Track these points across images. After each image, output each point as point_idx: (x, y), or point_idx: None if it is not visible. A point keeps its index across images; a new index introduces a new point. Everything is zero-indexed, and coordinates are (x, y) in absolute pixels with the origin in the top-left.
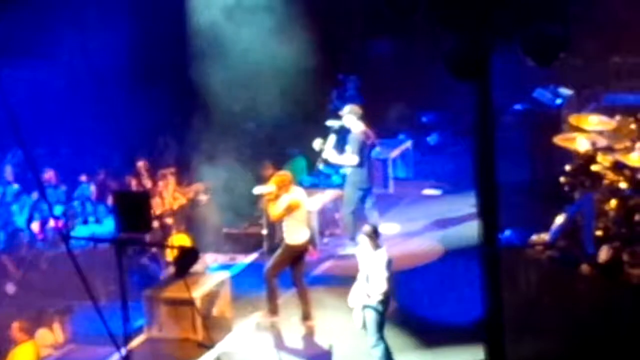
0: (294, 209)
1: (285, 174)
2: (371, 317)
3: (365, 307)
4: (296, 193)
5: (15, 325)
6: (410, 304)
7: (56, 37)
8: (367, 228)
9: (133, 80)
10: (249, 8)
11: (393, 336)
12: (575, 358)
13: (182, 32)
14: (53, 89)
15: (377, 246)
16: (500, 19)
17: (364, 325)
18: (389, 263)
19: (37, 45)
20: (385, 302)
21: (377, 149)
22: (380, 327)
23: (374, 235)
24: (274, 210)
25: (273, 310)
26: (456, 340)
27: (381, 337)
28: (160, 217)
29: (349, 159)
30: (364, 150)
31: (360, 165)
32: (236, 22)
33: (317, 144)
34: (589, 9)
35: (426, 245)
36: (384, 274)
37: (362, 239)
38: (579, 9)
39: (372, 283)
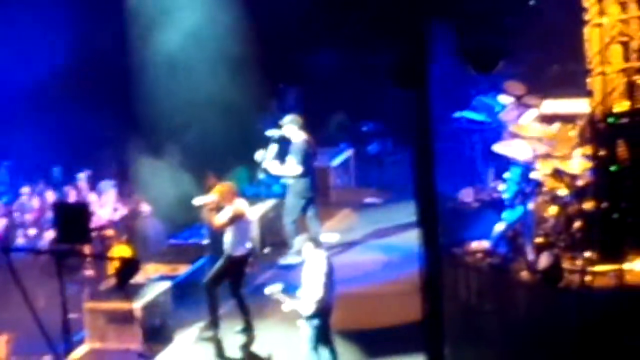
0: (235, 220)
1: (227, 184)
2: (305, 328)
3: (302, 317)
4: (238, 204)
5: None
6: (352, 313)
7: None
8: (307, 237)
9: (74, 91)
10: (189, 21)
11: (338, 346)
12: None
13: (123, 44)
14: None
15: (317, 255)
16: (440, 28)
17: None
18: (330, 271)
19: None
20: (322, 311)
21: (317, 158)
22: (315, 338)
23: (315, 243)
24: (218, 220)
25: (214, 321)
26: (397, 349)
27: (315, 348)
28: (100, 229)
29: (293, 169)
30: (308, 160)
31: (304, 174)
32: (177, 34)
33: (259, 155)
34: (528, 19)
35: (367, 254)
36: (321, 280)
37: (303, 248)
38: (518, 19)
39: (309, 292)
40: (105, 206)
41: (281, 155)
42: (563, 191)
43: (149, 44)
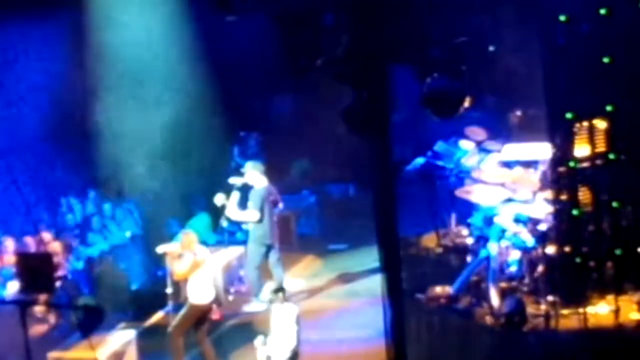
0: (198, 268)
1: (189, 232)
2: None
3: None
4: (200, 252)
5: None
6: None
7: None
8: (275, 286)
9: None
10: (150, 68)
11: None
12: None
13: (83, 86)
14: None
15: (285, 304)
16: (401, 74)
17: None
18: (297, 319)
19: None
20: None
21: (280, 205)
22: None
23: (280, 291)
24: (178, 269)
25: None
26: None
27: None
28: (63, 278)
29: (250, 215)
30: (265, 206)
31: (261, 220)
32: (138, 78)
33: (219, 199)
34: (488, 65)
35: (331, 300)
36: (294, 329)
37: (269, 297)
38: (478, 65)
39: (283, 341)
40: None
41: (244, 203)
42: (526, 236)
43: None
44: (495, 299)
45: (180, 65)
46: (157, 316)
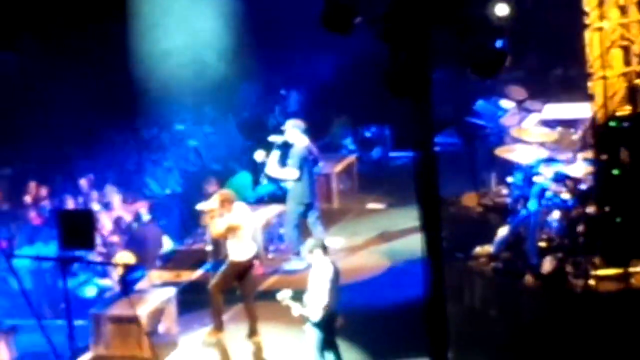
0: (235, 229)
1: (227, 192)
2: (312, 333)
3: (308, 322)
4: (238, 211)
5: None
6: (356, 318)
7: None
8: (314, 241)
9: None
10: (194, 24)
11: (343, 350)
12: None
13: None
14: None
15: (323, 260)
16: (441, 34)
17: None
18: (335, 277)
19: None
20: (327, 317)
21: (320, 163)
22: (320, 344)
23: (321, 248)
24: (217, 227)
25: (219, 327)
26: (402, 354)
27: (321, 353)
28: (104, 235)
29: (289, 173)
30: (305, 164)
31: (300, 179)
32: (182, 36)
33: (259, 155)
34: (530, 24)
35: (371, 259)
36: (327, 287)
37: (310, 253)
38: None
39: (315, 297)
40: (108, 212)
41: (284, 161)
42: (566, 195)
43: (151, 46)
44: (535, 259)
45: (222, 23)
46: (197, 273)
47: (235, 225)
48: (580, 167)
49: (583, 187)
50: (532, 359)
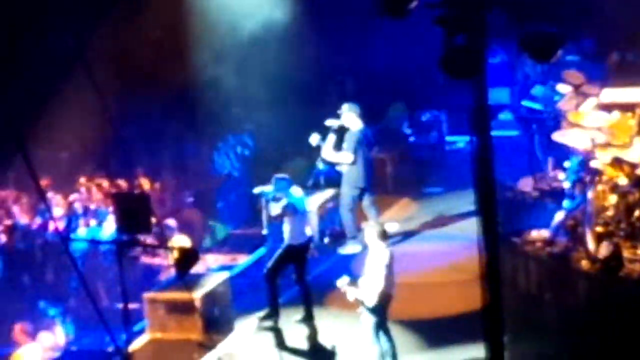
0: (292, 211)
1: (284, 175)
2: (367, 317)
3: (363, 306)
4: (295, 194)
5: (17, 327)
6: (411, 302)
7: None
8: (373, 226)
9: (130, 82)
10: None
11: (397, 335)
12: (575, 355)
13: (181, 35)
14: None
15: (380, 245)
16: (497, 18)
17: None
18: (390, 263)
19: None
20: (381, 303)
21: (375, 148)
22: (376, 328)
23: (380, 234)
24: (273, 210)
25: (274, 310)
26: (457, 338)
27: (377, 338)
28: (160, 219)
29: (344, 157)
30: (360, 148)
31: (355, 163)
32: (241, 23)
33: (314, 139)
34: (586, 8)
35: (426, 243)
36: (382, 272)
37: (368, 237)
38: (576, 7)
39: (370, 282)
40: (164, 196)
41: (340, 145)
42: (623, 180)
43: (210, 35)
44: (591, 243)
45: (279, 8)
46: (253, 257)
47: (294, 205)
48: (637, 152)
49: None
50: (587, 344)
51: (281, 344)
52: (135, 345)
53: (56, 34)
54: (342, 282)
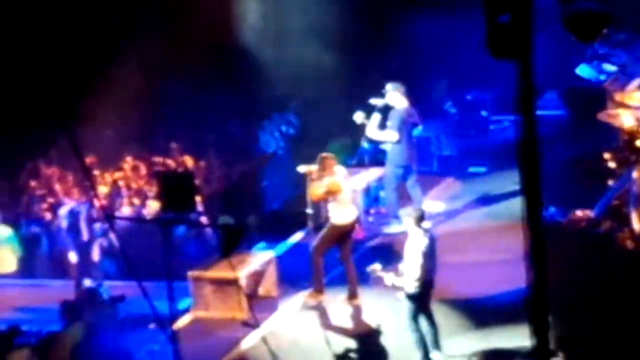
0: (334, 192)
1: (328, 155)
2: (405, 303)
3: (403, 292)
4: (338, 175)
5: (61, 306)
6: (455, 282)
7: None
8: (411, 211)
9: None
10: None
11: (440, 316)
12: (619, 334)
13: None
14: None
15: (417, 231)
16: None
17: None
18: (430, 247)
19: None
20: (420, 290)
21: (420, 127)
22: (413, 313)
23: (417, 218)
24: (315, 191)
25: (319, 289)
26: (501, 318)
27: (415, 324)
28: (205, 197)
29: (389, 135)
30: (404, 127)
31: (400, 142)
32: (283, 5)
33: (358, 117)
34: None
35: (471, 222)
36: (419, 260)
37: (406, 224)
38: None
39: (409, 270)
40: (208, 175)
41: (384, 124)
42: None
43: (252, 15)
44: (636, 224)
45: None
46: (297, 236)
47: (336, 188)
48: None
49: None
50: (632, 323)
51: (326, 323)
52: (180, 323)
53: (103, 12)
54: (374, 267)
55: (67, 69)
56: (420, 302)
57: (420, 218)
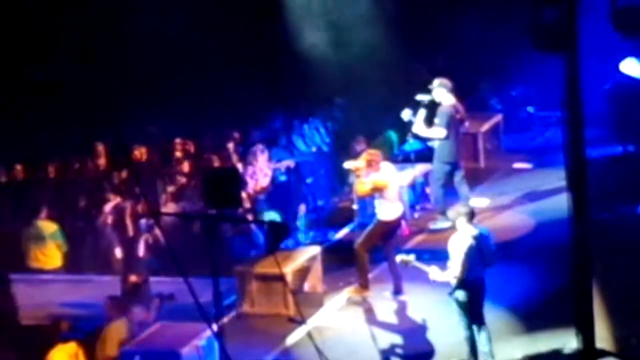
0: (381, 188)
1: (374, 152)
2: (454, 302)
3: (450, 289)
4: (384, 171)
5: (107, 302)
6: (502, 279)
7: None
8: (461, 209)
9: (224, 56)
10: None
11: (487, 312)
12: None
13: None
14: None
15: (466, 228)
16: None
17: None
18: (476, 246)
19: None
20: (464, 286)
21: (467, 123)
22: (464, 313)
23: (468, 215)
24: (361, 187)
25: (364, 285)
26: (549, 315)
27: (465, 318)
28: (251, 194)
29: (436, 131)
30: (452, 124)
31: (447, 138)
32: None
33: (405, 114)
34: None
35: (517, 218)
36: (461, 258)
37: (457, 220)
38: None
39: (452, 265)
40: (256, 171)
41: (430, 120)
42: None
43: (303, 13)
44: None
45: None
46: (343, 232)
47: (382, 184)
48: None
49: None
50: None
51: (371, 319)
52: (225, 319)
53: (156, 15)
54: (406, 259)
55: (120, 70)
56: (465, 302)
57: (471, 215)
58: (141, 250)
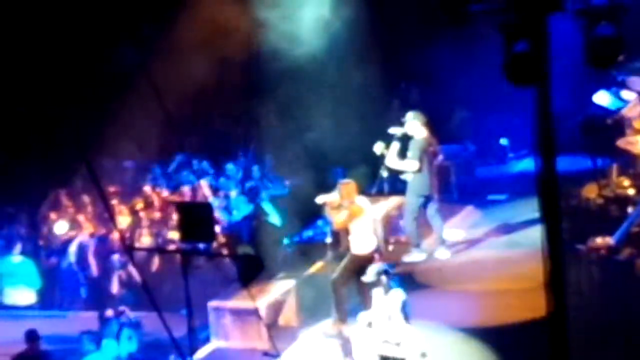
0: (357, 218)
1: (349, 183)
2: None
3: None
4: (360, 202)
5: (83, 337)
6: (476, 310)
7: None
8: (379, 268)
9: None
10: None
11: (460, 343)
12: None
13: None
14: None
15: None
16: (560, 22)
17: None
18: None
19: None
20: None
21: (440, 156)
22: None
23: (386, 275)
24: (337, 219)
25: (342, 319)
26: (522, 346)
27: None
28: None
29: (409, 164)
30: (425, 157)
31: (420, 171)
32: (298, 33)
33: (378, 147)
34: None
35: (491, 250)
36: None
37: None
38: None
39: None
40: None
41: (404, 153)
42: None
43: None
44: None
45: (341, 17)
46: (317, 266)
47: (358, 211)
48: None
49: None
50: None
51: (347, 353)
52: (200, 353)
53: (119, 46)
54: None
55: (87, 102)
56: None
57: (388, 272)
58: (114, 287)
